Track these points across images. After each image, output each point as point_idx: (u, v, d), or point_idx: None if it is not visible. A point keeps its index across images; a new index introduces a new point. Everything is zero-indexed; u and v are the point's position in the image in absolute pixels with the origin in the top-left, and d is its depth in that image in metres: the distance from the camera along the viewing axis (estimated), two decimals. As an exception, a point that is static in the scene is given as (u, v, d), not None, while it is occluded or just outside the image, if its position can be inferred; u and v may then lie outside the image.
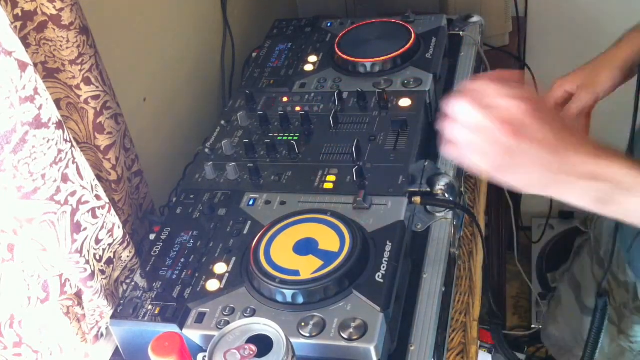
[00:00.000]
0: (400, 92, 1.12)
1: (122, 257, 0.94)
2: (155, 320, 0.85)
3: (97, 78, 0.90)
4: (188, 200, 1.01)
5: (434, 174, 1.00)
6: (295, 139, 1.06)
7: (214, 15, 1.42)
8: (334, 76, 1.20)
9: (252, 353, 0.71)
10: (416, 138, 1.04)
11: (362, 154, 1.01)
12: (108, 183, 0.97)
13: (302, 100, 1.16)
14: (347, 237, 0.87)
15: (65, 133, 0.78)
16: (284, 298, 0.83)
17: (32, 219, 0.78)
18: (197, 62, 1.35)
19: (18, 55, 0.70)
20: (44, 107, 0.74)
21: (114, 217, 0.89)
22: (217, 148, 1.09)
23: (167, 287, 0.88)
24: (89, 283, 0.88)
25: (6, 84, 0.69)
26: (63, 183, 0.80)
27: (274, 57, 1.29)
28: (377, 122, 1.08)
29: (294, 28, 1.37)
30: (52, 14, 0.82)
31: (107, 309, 0.93)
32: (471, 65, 1.24)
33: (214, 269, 0.89)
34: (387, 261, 0.85)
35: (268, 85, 1.22)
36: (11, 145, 0.72)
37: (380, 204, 0.94)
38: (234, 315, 0.83)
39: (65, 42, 0.84)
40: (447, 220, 0.97)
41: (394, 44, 1.20)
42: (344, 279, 0.83)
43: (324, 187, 0.99)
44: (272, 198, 0.99)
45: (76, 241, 0.84)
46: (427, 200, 0.97)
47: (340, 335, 0.78)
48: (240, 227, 0.95)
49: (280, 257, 0.87)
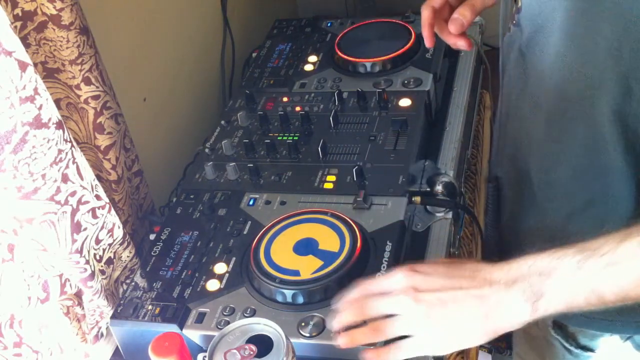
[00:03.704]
0: (400, 92, 1.12)
1: (122, 257, 0.94)
2: (155, 320, 0.85)
3: (97, 78, 0.90)
4: (188, 200, 1.01)
5: (434, 174, 1.00)
6: (295, 139, 1.07)
7: (214, 15, 1.42)
8: (334, 76, 1.20)
9: (252, 353, 0.71)
10: (416, 138, 1.04)
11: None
12: (108, 183, 0.97)
13: (302, 100, 1.16)
14: (347, 237, 0.87)
15: (65, 133, 0.78)
16: (284, 298, 0.83)
17: (32, 219, 0.78)
18: (197, 62, 1.35)
19: (18, 55, 0.70)
20: (44, 107, 0.74)
21: (114, 217, 0.89)
22: (217, 148, 1.09)
23: (167, 287, 0.88)
24: (89, 283, 0.88)
25: (6, 84, 0.69)
26: (63, 183, 0.80)
27: (274, 57, 1.29)
28: (377, 122, 1.08)
29: (294, 28, 1.37)
30: (52, 14, 0.82)
31: (107, 309, 0.93)
32: (471, 65, 1.24)
33: (214, 269, 0.89)
34: (387, 261, 0.85)
35: (268, 85, 1.22)
36: (11, 145, 0.72)
37: (380, 204, 0.94)
38: (234, 315, 0.83)
39: (65, 42, 0.84)
40: (447, 220, 0.97)
41: (394, 44, 1.20)
42: (344, 279, 0.83)
43: (324, 187, 0.99)
44: (272, 198, 0.99)
45: (76, 241, 0.84)
46: (427, 200, 0.97)
47: (338, 336, 0.78)
48: (240, 227, 0.95)
49: (281, 257, 0.87)
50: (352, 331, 0.75)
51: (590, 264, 0.66)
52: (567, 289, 0.67)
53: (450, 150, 1.07)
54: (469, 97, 1.19)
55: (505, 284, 0.70)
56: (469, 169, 1.19)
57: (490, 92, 1.43)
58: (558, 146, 0.83)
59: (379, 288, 0.75)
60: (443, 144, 1.08)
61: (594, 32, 0.73)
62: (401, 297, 0.72)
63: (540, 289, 0.68)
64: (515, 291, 0.69)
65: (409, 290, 0.72)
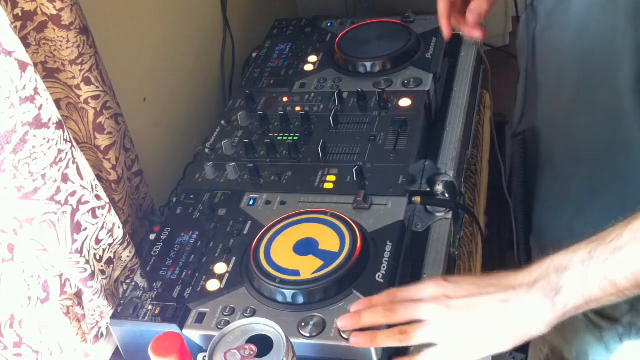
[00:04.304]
0: (400, 92, 1.12)
1: (122, 257, 0.94)
2: (155, 320, 0.85)
3: (97, 78, 0.90)
4: (188, 200, 1.01)
5: (434, 174, 1.00)
6: (295, 139, 1.06)
7: (214, 15, 1.42)
8: (334, 76, 1.20)
9: (252, 353, 0.71)
10: (416, 138, 1.04)
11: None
12: (108, 183, 0.97)
13: (302, 100, 1.16)
14: (347, 237, 0.87)
15: (65, 133, 0.78)
16: (284, 298, 0.83)
17: (32, 219, 0.78)
18: (197, 62, 1.35)
19: (18, 55, 0.70)
20: (44, 107, 0.74)
21: (114, 217, 0.89)
22: (217, 148, 1.09)
23: (167, 287, 0.88)
24: (89, 283, 0.88)
25: (6, 84, 0.69)
26: (63, 183, 0.80)
27: (274, 57, 1.29)
28: (377, 122, 1.08)
29: (294, 28, 1.37)
30: (52, 14, 0.82)
31: (107, 309, 0.93)
32: (471, 65, 1.24)
33: (214, 269, 0.89)
34: (387, 261, 0.85)
35: (268, 85, 1.22)
36: (11, 145, 0.72)
37: (380, 204, 0.94)
38: (234, 315, 0.83)
39: (65, 42, 0.84)
40: (447, 220, 0.97)
41: (394, 44, 1.20)
42: (344, 279, 0.83)
43: (324, 187, 0.99)
44: (272, 198, 0.99)
45: (76, 241, 0.84)
46: (427, 200, 0.97)
47: (340, 335, 0.78)
48: (240, 227, 0.95)
49: (281, 257, 0.87)
50: (375, 332, 0.75)
51: (599, 252, 0.67)
52: (581, 280, 0.67)
53: (450, 150, 1.07)
54: (469, 97, 1.19)
55: (528, 285, 0.70)
56: (469, 169, 1.19)
57: (490, 92, 1.43)
58: (582, 120, 0.84)
59: (408, 295, 0.76)
60: (443, 144, 1.08)
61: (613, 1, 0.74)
62: (432, 304, 0.73)
63: (558, 284, 0.68)
64: (535, 291, 0.70)
65: (440, 297, 0.73)
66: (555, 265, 0.70)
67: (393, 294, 0.77)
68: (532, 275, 0.71)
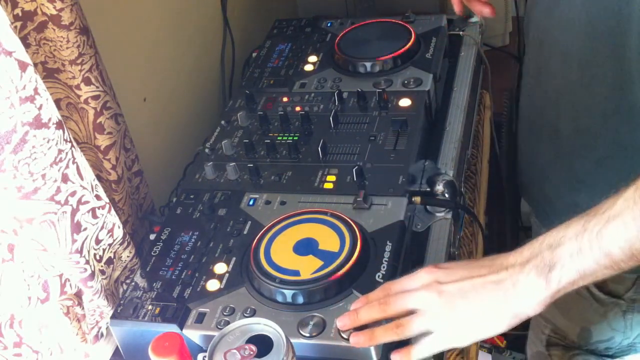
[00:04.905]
0: (400, 92, 1.12)
1: (122, 257, 0.94)
2: (155, 320, 0.85)
3: (97, 78, 0.90)
4: (188, 200, 1.01)
5: (434, 174, 1.00)
6: (295, 139, 1.06)
7: (214, 15, 1.42)
8: (334, 76, 1.20)
9: (252, 353, 0.71)
10: (416, 138, 1.04)
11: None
12: (108, 183, 0.97)
13: (302, 100, 1.16)
14: (347, 237, 0.87)
15: (65, 133, 0.78)
16: (284, 298, 0.83)
17: (32, 219, 0.78)
18: (197, 62, 1.35)
19: (18, 55, 0.70)
20: (44, 107, 0.74)
21: (114, 217, 0.89)
22: (217, 148, 1.09)
23: (167, 287, 0.88)
24: (89, 283, 0.88)
25: (6, 84, 0.69)
26: (63, 183, 0.80)
27: (274, 57, 1.29)
28: (377, 122, 1.08)
29: (294, 28, 1.37)
30: (52, 14, 0.82)
31: (107, 309, 0.93)
32: (471, 65, 1.24)
33: (214, 269, 0.89)
34: (387, 261, 0.85)
35: (268, 85, 1.22)
36: (11, 145, 0.72)
37: (380, 204, 0.94)
38: (234, 315, 0.83)
39: (65, 42, 0.84)
40: (447, 220, 0.97)
41: (394, 44, 1.20)
42: (344, 279, 0.83)
43: (324, 187, 0.99)
44: (272, 198, 0.99)
45: (76, 241, 0.84)
46: (427, 200, 0.97)
47: (340, 335, 0.78)
48: (240, 227, 0.95)
49: (280, 257, 0.87)
50: (372, 329, 0.75)
51: (593, 223, 0.66)
52: (576, 254, 0.67)
53: (450, 150, 1.07)
54: (469, 97, 1.19)
55: (520, 264, 0.70)
56: (469, 169, 1.19)
57: (490, 92, 1.43)
58: (588, 91, 0.84)
59: (402, 287, 0.76)
60: (443, 144, 1.08)
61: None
62: (424, 292, 0.73)
63: (551, 260, 0.68)
64: (528, 269, 0.69)
65: (432, 284, 0.73)
66: (547, 242, 0.69)
67: (388, 287, 0.77)
68: (523, 255, 0.70)
